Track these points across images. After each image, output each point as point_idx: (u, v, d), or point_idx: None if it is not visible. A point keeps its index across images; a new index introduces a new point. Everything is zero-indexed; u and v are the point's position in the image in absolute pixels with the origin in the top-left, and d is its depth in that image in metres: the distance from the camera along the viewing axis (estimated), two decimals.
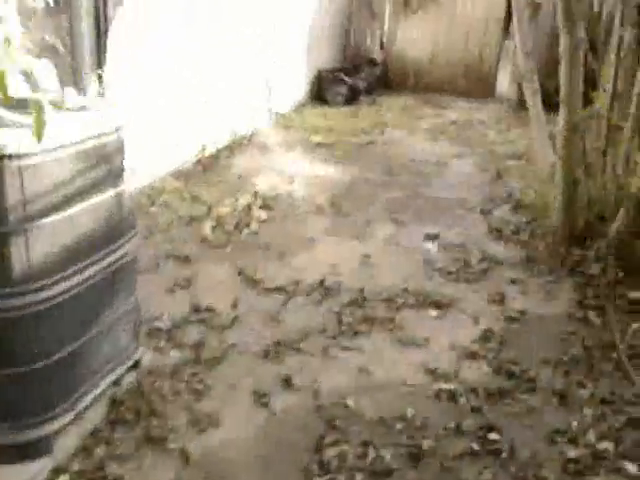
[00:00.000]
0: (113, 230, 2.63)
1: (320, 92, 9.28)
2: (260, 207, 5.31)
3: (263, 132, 7.52)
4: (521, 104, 9.96)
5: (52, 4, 3.76)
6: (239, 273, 4.16)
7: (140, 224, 4.75)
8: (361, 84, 9.46)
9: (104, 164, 2.50)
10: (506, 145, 7.75)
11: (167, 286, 3.95)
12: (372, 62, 10.42)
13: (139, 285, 3.18)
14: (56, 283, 2.34)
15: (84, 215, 2.43)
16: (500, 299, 4.07)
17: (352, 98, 9.27)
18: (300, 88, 9.01)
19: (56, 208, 2.28)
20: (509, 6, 10.98)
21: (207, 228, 4.79)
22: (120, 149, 2.61)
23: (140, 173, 5.32)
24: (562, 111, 4.51)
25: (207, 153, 6.43)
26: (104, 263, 2.60)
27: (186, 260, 4.29)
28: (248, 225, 4.91)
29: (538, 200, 5.71)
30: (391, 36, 10.69)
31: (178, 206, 5.15)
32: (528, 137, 8.09)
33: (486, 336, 3.64)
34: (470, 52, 10.56)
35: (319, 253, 4.57)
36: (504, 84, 11.10)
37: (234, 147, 6.81)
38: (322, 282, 4.09)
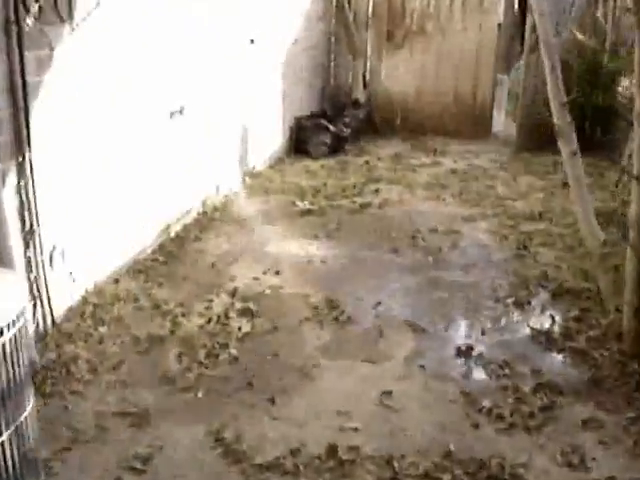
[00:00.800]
0: None
1: (300, 143, 8.16)
2: (240, 313, 4.18)
3: (238, 199, 6.37)
4: (521, 144, 9.06)
5: None
6: (216, 439, 3.01)
7: (82, 357, 3.63)
8: (346, 130, 8.35)
9: None
10: (519, 201, 6.67)
11: (115, 469, 2.78)
12: (356, 103, 9.33)
13: (74, 470, 2.04)
14: None
15: None
16: (576, 459, 2.97)
17: (337, 148, 8.16)
18: (276, 139, 7.89)
19: None
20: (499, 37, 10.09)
21: (171, 357, 3.64)
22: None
23: (85, 274, 4.19)
24: (636, 191, 3.46)
25: (172, 233, 5.29)
26: None
27: (142, 419, 3.11)
28: (225, 347, 3.77)
29: (583, 283, 4.66)
30: (375, 74, 9.63)
31: (133, 321, 3.99)
32: (540, 188, 7.10)
33: None
34: (462, 87, 9.52)
35: (322, 391, 3.42)
36: (499, 121, 10.14)
37: (204, 223, 5.65)
38: (333, 450, 2.94)
